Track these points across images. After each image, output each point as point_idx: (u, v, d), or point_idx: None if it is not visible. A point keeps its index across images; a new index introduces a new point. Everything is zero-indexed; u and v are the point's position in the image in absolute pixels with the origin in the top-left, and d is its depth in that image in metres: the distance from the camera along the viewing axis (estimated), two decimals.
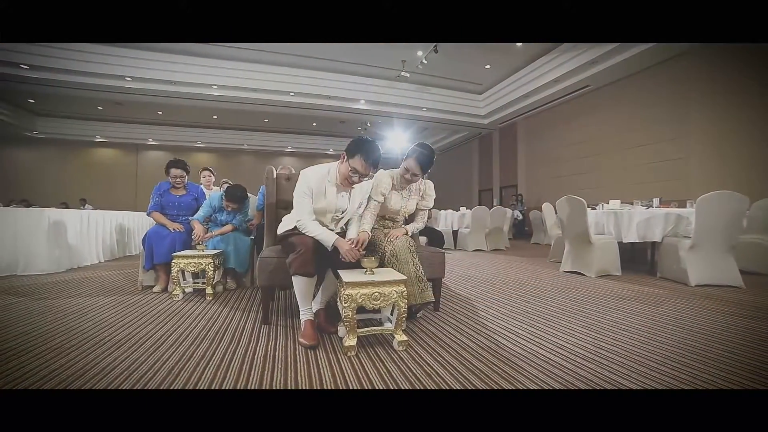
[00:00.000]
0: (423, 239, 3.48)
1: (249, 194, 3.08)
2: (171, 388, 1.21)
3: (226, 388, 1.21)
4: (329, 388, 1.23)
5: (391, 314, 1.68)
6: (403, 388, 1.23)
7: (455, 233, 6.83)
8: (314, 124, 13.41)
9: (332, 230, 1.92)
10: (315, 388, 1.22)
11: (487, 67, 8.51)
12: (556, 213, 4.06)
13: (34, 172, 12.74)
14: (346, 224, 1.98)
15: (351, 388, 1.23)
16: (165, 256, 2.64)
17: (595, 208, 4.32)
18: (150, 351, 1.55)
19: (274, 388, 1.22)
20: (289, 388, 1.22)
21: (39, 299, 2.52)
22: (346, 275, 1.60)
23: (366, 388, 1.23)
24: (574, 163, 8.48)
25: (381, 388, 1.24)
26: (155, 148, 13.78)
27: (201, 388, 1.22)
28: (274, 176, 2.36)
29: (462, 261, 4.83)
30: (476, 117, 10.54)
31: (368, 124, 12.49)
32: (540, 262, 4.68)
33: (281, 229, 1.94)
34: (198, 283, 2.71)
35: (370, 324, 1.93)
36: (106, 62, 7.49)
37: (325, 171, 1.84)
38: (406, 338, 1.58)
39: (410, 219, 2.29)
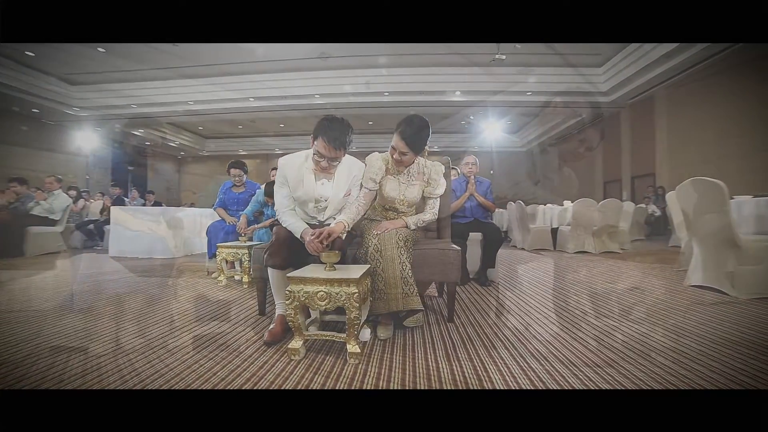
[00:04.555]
0: (477, 235, 2.96)
1: None
2: (118, 355, 1.26)
3: (161, 375, 1.19)
4: (234, 386, 1.08)
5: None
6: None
7: (554, 231, 5.73)
8: None
9: (320, 221, 1.78)
10: (220, 388, 1.09)
11: None
12: None
13: (201, 182, 16.64)
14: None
15: (260, 387, 1.05)
16: None
17: (760, 197, 2.95)
18: (145, 322, 1.73)
19: (197, 386, 1.14)
20: (210, 379, 1.13)
21: (140, 276, 3.15)
22: (304, 270, 1.42)
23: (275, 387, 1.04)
24: (744, 141, 6.08)
25: (289, 387, 1.02)
26: (281, 156, 16.10)
27: (149, 365, 1.25)
28: None
29: (547, 264, 3.98)
30: (596, 95, 8.70)
31: (471, 117, 11.76)
32: (663, 270, 3.46)
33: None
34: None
35: None
36: (233, 89, 9.12)
37: (302, 158, 1.72)
38: (359, 350, 1.30)
39: (421, 210, 1.94)
